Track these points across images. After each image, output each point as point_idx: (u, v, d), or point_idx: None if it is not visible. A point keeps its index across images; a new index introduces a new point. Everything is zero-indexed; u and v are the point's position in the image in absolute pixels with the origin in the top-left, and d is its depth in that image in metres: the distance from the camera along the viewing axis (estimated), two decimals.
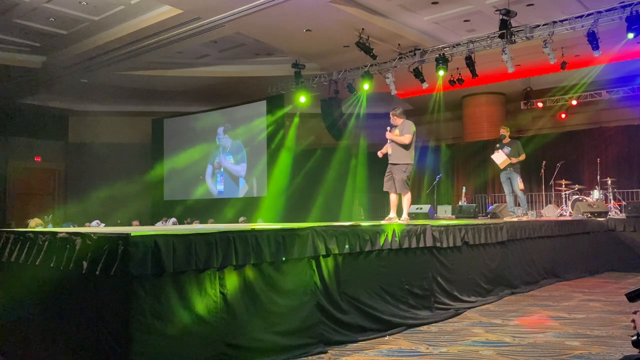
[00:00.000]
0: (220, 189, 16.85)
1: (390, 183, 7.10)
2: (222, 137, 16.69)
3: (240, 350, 3.90)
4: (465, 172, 16.25)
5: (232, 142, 16.54)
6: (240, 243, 4.00)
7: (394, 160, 7.06)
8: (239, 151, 16.39)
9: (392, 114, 7.19)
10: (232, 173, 16.51)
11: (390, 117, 7.20)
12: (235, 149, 16.47)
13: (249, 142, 15.75)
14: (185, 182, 17.21)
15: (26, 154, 17.47)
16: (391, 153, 7.07)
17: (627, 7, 9.35)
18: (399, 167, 7.01)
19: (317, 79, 13.84)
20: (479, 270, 6.84)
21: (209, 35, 12.07)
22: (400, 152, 7.01)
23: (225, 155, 16.69)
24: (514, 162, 9.41)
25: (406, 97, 15.61)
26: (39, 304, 4.20)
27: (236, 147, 16.45)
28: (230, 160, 16.56)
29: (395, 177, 7.01)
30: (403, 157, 7.00)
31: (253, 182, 15.75)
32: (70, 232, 3.93)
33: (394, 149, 7.05)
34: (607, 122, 15.02)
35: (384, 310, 5.15)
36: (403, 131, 7.02)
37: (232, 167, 16.50)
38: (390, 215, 7.10)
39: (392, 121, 7.16)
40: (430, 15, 11.18)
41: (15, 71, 14.24)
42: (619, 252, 10.07)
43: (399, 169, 7.00)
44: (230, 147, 16.63)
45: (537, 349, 4.45)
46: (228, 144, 16.65)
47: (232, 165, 16.51)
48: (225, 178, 16.74)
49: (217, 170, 16.90)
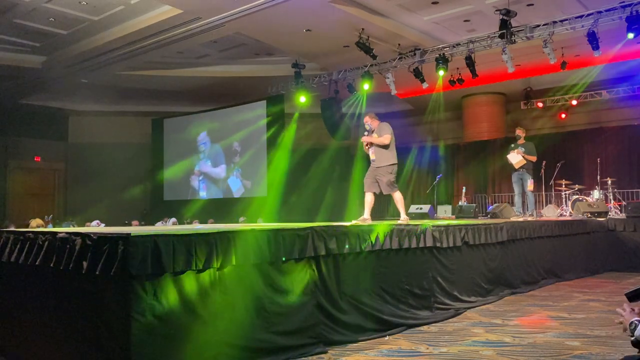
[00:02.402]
0: (203, 195, 17.05)
1: (373, 184, 6.83)
2: (205, 143, 16.93)
3: (240, 350, 3.90)
4: (465, 172, 16.24)
5: (211, 145, 16.79)
6: (240, 243, 4.00)
7: (378, 163, 6.81)
8: (217, 154, 16.62)
9: (369, 117, 6.95)
10: (212, 177, 16.73)
11: (367, 121, 6.94)
12: (213, 153, 16.72)
13: (249, 142, 15.75)
14: (185, 182, 17.23)
15: (26, 154, 17.47)
16: (374, 158, 6.82)
17: (627, 7, 9.35)
18: (384, 169, 6.77)
19: (317, 79, 13.83)
20: (479, 270, 6.84)
21: (209, 35, 12.07)
22: (383, 154, 6.79)
23: (205, 160, 16.91)
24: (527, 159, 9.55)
25: (406, 97, 15.59)
26: (38, 304, 4.20)
27: (215, 151, 16.70)
28: (209, 165, 16.74)
29: (381, 180, 6.74)
30: (386, 158, 6.77)
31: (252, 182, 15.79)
32: (70, 232, 3.92)
33: (376, 152, 6.80)
34: (607, 122, 15.02)
35: (384, 310, 5.15)
36: (381, 132, 6.80)
37: (211, 170, 16.75)
38: (364, 216, 6.70)
39: (369, 124, 6.89)
40: (430, 15, 11.18)
41: (15, 71, 14.24)
42: (619, 252, 10.06)
43: (384, 171, 6.76)
44: (209, 151, 16.85)
45: (537, 349, 4.45)
46: (207, 148, 16.90)
47: (211, 168, 16.75)
48: (207, 184, 16.98)
49: (198, 177, 17.16)
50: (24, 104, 16.84)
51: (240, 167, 16.14)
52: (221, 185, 16.66)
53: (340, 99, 14.35)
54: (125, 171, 17.09)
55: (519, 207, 9.79)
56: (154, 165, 17.99)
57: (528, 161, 9.61)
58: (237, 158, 16.13)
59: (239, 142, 16.10)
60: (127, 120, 18.22)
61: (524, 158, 9.55)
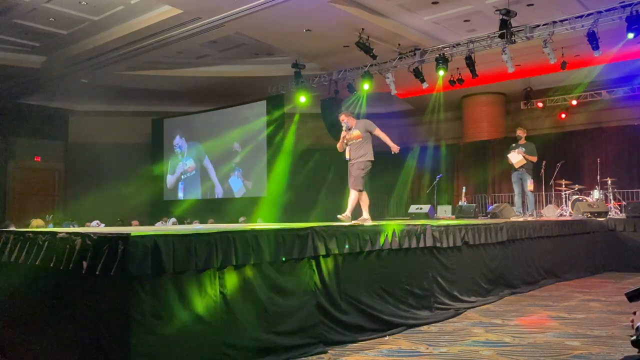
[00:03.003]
0: (181, 197, 17.18)
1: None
2: (182, 145, 17.18)
3: (240, 350, 3.90)
4: (465, 172, 16.24)
5: (187, 145, 16.99)
6: (240, 243, 4.00)
7: (354, 159, 6.59)
8: (196, 151, 16.85)
9: (345, 115, 6.76)
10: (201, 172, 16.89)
11: (343, 119, 6.75)
12: (193, 151, 16.94)
13: (249, 142, 15.74)
14: (185, 182, 17.24)
15: (26, 154, 17.46)
16: (349, 158, 6.61)
17: (627, 7, 9.36)
18: (357, 164, 6.55)
19: (317, 79, 13.84)
20: (479, 270, 6.84)
21: (209, 35, 12.07)
22: (360, 149, 6.56)
23: (185, 160, 17.08)
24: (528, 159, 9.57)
25: (406, 97, 15.59)
26: (39, 304, 4.20)
27: (194, 150, 16.93)
28: (192, 164, 16.85)
29: (351, 174, 6.56)
30: (361, 154, 6.54)
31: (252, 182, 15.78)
32: (70, 232, 3.93)
33: (352, 149, 6.59)
34: (607, 122, 15.02)
35: (384, 310, 5.15)
36: (366, 129, 6.60)
37: (194, 165, 16.94)
38: (346, 213, 6.52)
39: (347, 122, 6.68)
40: (430, 15, 11.18)
41: (15, 71, 14.24)
42: (619, 252, 10.06)
43: (357, 167, 6.56)
44: (187, 150, 17.01)
45: (537, 349, 4.45)
46: (185, 148, 17.09)
47: (193, 164, 16.95)
48: (185, 185, 17.14)
49: (179, 178, 17.33)
50: (24, 104, 16.84)
51: (240, 167, 16.13)
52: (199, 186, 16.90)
53: (340, 99, 14.35)
54: (125, 171, 17.08)
55: (519, 207, 9.80)
56: (154, 165, 17.99)
57: (528, 161, 9.62)
58: (238, 158, 16.14)
59: (239, 143, 16.09)
60: (127, 120, 18.22)
61: (524, 158, 9.56)
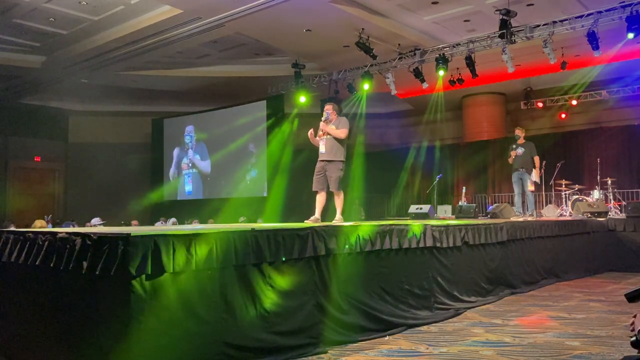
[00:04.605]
0: (188, 190, 17.10)
1: (323, 181, 6.38)
2: (193, 136, 17.00)
3: (240, 350, 3.89)
4: (465, 172, 16.23)
5: (197, 140, 16.90)
6: (240, 243, 4.00)
7: (329, 157, 6.37)
8: (202, 149, 16.73)
9: (331, 107, 6.60)
10: (201, 171, 16.83)
11: (327, 109, 6.57)
12: (199, 148, 16.82)
13: (249, 142, 15.73)
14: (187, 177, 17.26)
15: (26, 154, 17.47)
16: (324, 150, 6.39)
17: (627, 7, 9.36)
18: (335, 164, 6.38)
19: (317, 79, 13.84)
20: (479, 270, 6.84)
21: (209, 35, 12.08)
22: (336, 148, 6.38)
23: (194, 154, 16.98)
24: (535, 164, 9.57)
25: (406, 97, 15.60)
26: (39, 304, 4.20)
27: (200, 146, 16.82)
28: (198, 158, 16.85)
29: (330, 176, 6.31)
30: (339, 154, 6.41)
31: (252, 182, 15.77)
32: (70, 232, 3.92)
33: (328, 144, 6.38)
34: (607, 122, 15.01)
35: (384, 310, 5.15)
36: (339, 125, 6.43)
37: (200, 163, 16.85)
38: (315, 216, 6.30)
39: (328, 113, 6.52)
40: (430, 15, 11.18)
41: (15, 71, 14.24)
42: (619, 252, 10.05)
43: (335, 167, 6.34)
44: (196, 145, 16.92)
45: (537, 349, 4.44)
46: (194, 142, 16.99)
47: (199, 161, 16.85)
48: (193, 178, 17.01)
49: (186, 170, 17.20)
50: (24, 104, 16.84)
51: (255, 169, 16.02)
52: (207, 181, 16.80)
53: (340, 99, 14.34)
54: (125, 171, 17.07)
55: (519, 207, 9.79)
56: (154, 165, 17.98)
57: (532, 161, 9.57)
58: (254, 159, 15.94)
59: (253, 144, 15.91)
60: (127, 120, 18.21)
61: (534, 173, 9.51)
